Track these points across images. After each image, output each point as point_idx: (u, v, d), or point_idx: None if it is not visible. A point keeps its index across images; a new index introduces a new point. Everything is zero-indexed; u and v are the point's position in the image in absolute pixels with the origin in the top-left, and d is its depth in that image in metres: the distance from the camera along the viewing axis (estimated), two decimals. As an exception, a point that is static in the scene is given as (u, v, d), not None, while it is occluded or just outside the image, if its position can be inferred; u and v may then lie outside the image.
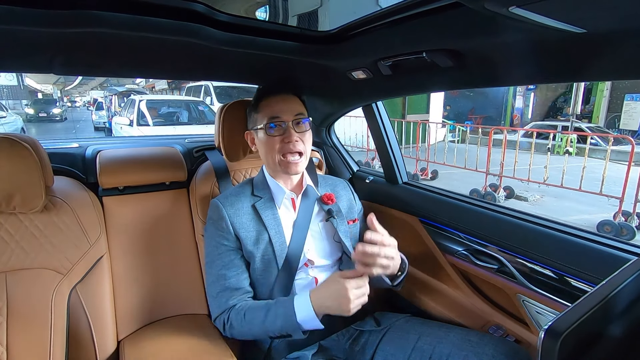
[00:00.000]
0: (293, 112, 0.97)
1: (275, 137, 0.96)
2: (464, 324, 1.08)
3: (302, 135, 0.98)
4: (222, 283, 0.95)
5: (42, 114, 17.03)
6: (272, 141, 0.96)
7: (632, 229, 4.08)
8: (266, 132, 0.96)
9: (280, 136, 0.96)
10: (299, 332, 0.84)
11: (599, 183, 4.42)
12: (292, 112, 0.97)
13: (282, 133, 0.96)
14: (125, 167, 1.16)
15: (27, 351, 0.86)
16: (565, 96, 13.22)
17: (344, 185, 1.18)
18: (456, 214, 1.19)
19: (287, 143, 0.95)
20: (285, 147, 0.96)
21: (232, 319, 0.93)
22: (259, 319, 0.88)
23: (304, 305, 0.84)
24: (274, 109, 0.97)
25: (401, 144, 7.03)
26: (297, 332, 0.84)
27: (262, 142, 1.00)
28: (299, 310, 0.83)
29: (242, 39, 0.84)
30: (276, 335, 0.87)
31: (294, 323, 0.83)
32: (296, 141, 0.96)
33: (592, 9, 0.51)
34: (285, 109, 0.97)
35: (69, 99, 35.70)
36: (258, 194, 1.03)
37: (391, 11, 0.74)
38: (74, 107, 32.02)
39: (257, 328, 0.88)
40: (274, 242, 0.97)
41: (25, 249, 0.92)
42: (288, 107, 0.97)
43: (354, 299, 0.79)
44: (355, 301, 0.79)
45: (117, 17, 0.69)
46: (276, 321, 0.86)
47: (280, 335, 0.86)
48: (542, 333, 0.41)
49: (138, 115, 6.48)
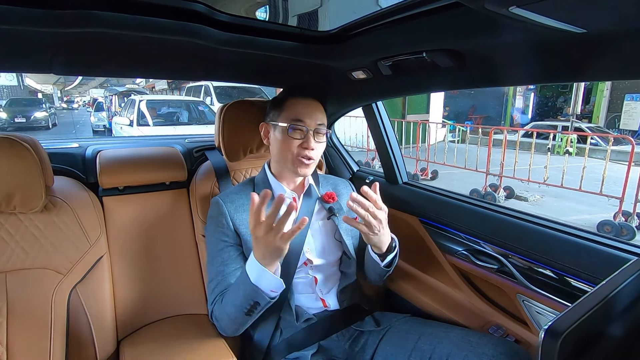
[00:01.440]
0: (316, 120, 0.98)
1: (294, 140, 0.96)
2: (464, 324, 1.08)
3: (319, 145, 0.99)
4: (219, 279, 0.95)
5: (19, 118, 12.76)
6: (290, 142, 0.97)
7: (632, 229, 4.08)
8: (287, 132, 0.97)
9: (299, 140, 0.96)
10: (262, 296, 0.82)
11: (599, 183, 4.41)
12: (315, 120, 0.98)
13: (302, 137, 0.97)
14: (125, 167, 1.16)
15: (27, 351, 0.86)
16: (565, 96, 13.22)
17: (345, 184, 1.18)
18: (456, 214, 1.19)
19: (304, 149, 0.96)
20: (301, 152, 0.96)
21: (215, 311, 0.93)
22: (229, 298, 0.88)
23: (252, 264, 0.83)
24: (299, 111, 0.97)
25: (401, 144, 7.03)
26: (260, 295, 0.82)
27: (278, 140, 0.99)
28: (250, 270, 0.83)
29: (242, 39, 0.84)
30: (247, 307, 0.85)
31: (251, 285, 0.82)
32: (312, 149, 0.97)
33: (592, 9, 0.51)
34: (310, 115, 0.97)
35: (68, 99, 35.42)
36: (259, 192, 1.03)
37: (391, 11, 0.74)
38: (70, 108, 30.85)
39: (230, 307, 0.87)
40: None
41: (25, 249, 0.92)
42: (313, 113, 0.98)
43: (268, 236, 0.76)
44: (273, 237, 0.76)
45: (118, 17, 0.69)
46: (238, 291, 0.85)
47: (251, 307, 0.84)
48: (542, 333, 0.41)
49: (138, 115, 6.49)
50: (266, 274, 0.81)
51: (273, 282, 0.83)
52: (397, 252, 1.02)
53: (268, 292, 0.83)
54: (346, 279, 1.06)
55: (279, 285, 0.84)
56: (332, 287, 1.05)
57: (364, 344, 1.00)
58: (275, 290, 0.84)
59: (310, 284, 1.02)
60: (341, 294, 1.05)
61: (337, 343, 1.00)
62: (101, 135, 11.09)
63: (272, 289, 0.83)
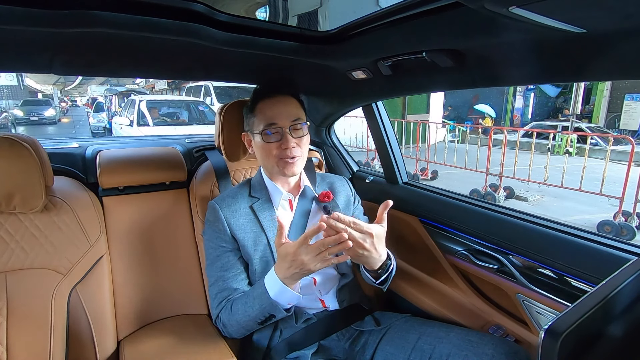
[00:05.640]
0: (290, 117, 0.96)
1: (272, 144, 0.95)
2: (464, 324, 1.08)
3: (299, 141, 0.97)
4: (220, 284, 0.96)
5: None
6: (268, 147, 0.96)
7: (632, 229, 4.08)
8: (262, 138, 0.96)
9: (277, 142, 0.95)
10: (279, 310, 0.84)
11: (599, 183, 4.42)
12: (289, 117, 0.96)
13: (279, 139, 0.95)
14: (125, 167, 1.16)
15: (27, 351, 0.86)
16: (565, 96, 13.21)
17: (342, 181, 1.18)
18: (456, 214, 1.19)
19: (284, 149, 0.95)
20: (282, 153, 0.95)
21: (222, 317, 0.94)
22: (242, 307, 0.89)
23: (272, 280, 0.84)
24: (270, 113, 0.96)
25: (401, 144, 7.03)
26: (277, 309, 0.84)
27: (258, 146, 0.99)
28: (270, 286, 0.84)
29: (242, 39, 0.84)
30: (261, 319, 0.87)
31: (269, 300, 0.84)
32: (293, 147, 0.95)
33: (592, 9, 0.51)
34: (282, 114, 0.96)
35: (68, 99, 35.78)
36: (255, 195, 1.03)
37: (391, 11, 0.74)
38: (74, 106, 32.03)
39: (242, 316, 0.89)
40: (272, 244, 0.97)
41: (25, 249, 0.92)
42: (285, 111, 0.96)
43: (310, 260, 0.77)
44: (313, 260, 0.77)
45: (117, 17, 0.69)
46: (254, 304, 0.86)
47: (265, 318, 0.86)
48: (542, 333, 0.41)
49: (138, 116, 6.49)
50: (287, 291, 0.83)
51: (293, 298, 0.85)
52: (393, 271, 0.96)
53: (285, 305, 0.85)
54: (345, 280, 1.06)
55: (296, 298, 0.85)
56: (331, 288, 1.05)
57: (364, 343, 1.00)
58: (291, 303, 0.86)
59: (310, 285, 1.02)
60: (340, 294, 1.05)
61: (337, 343, 1.00)
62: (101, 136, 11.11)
63: (289, 302, 0.85)
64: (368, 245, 0.82)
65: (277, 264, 0.85)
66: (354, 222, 0.80)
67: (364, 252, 0.82)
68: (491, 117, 11.92)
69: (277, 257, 0.84)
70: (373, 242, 0.82)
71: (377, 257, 0.86)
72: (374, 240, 0.82)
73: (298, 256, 0.78)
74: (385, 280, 0.95)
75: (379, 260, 0.88)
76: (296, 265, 0.79)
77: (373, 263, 0.88)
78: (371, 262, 0.87)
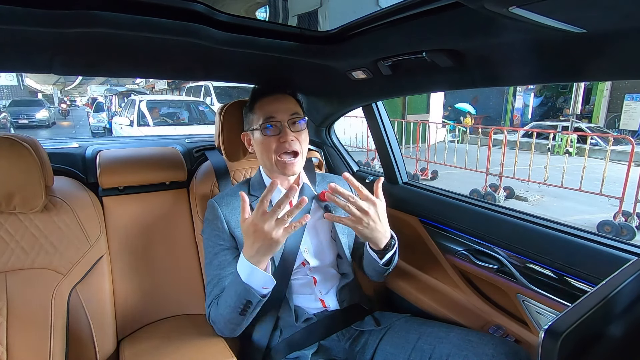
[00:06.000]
0: (288, 111, 0.98)
1: (271, 137, 0.96)
2: (464, 324, 1.08)
3: (298, 135, 0.98)
4: (215, 283, 0.95)
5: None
6: (268, 141, 0.97)
7: (632, 229, 4.08)
8: (262, 132, 0.97)
9: (276, 136, 0.96)
10: (253, 294, 0.82)
11: (599, 183, 4.42)
12: (287, 112, 0.97)
13: (278, 133, 0.96)
14: (125, 167, 1.16)
15: (27, 351, 0.86)
16: (565, 96, 13.21)
17: (342, 182, 1.17)
18: (456, 214, 1.19)
19: (283, 143, 0.95)
20: (281, 146, 0.96)
21: (211, 314, 0.94)
22: (223, 300, 0.89)
23: (243, 263, 0.83)
24: (269, 109, 0.97)
25: (401, 144, 7.03)
26: (251, 294, 0.82)
27: (258, 142, 1.00)
28: (241, 270, 0.83)
29: (242, 39, 0.84)
30: (240, 307, 0.85)
31: (242, 285, 0.82)
32: (292, 140, 0.96)
33: (592, 9, 0.51)
34: (281, 109, 0.97)
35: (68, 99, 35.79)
36: (255, 194, 1.03)
37: (391, 11, 0.74)
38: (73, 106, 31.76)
39: (224, 308, 0.88)
40: None
41: (25, 249, 0.92)
42: (283, 107, 0.98)
43: (271, 227, 0.76)
44: (274, 227, 0.76)
45: (117, 17, 0.69)
46: (231, 292, 0.85)
47: (244, 306, 0.84)
48: (542, 333, 0.41)
49: (138, 116, 6.49)
50: (256, 271, 0.82)
51: (263, 279, 0.83)
52: (397, 250, 1.00)
53: (259, 289, 0.83)
54: (345, 280, 1.06)
55: (269, 281, 0.84)
56: (331, 287, 1.05)
57: (364, 343, 1.00)
58: (266, 287, 0.84)
59: (310, 284, 1.02)
60: (340, 294, 1.05)
61: (337, 343, 1.00)
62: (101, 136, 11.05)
63: (263, 286, 0.84)
64: (372, 213, 0.86)
65: (244, 245, 0.83)
66: (359, 187, 0.85)
67: (370, 222, 0.86)
68: (472, 114, 11.88)
69: (243, 236, 0.82)
70: (377, 210, 0.87)
71: (382, 230, 0.90)
72: (377, 209, 0.87)
73: (258, 226, 0.77)
74: (390, 261, 0.97)
75: (384, 237, 0.92)
76: (258, 237, 0.77)
77: (378, 239, 0.91)
78: (376, 237, 0.90)
